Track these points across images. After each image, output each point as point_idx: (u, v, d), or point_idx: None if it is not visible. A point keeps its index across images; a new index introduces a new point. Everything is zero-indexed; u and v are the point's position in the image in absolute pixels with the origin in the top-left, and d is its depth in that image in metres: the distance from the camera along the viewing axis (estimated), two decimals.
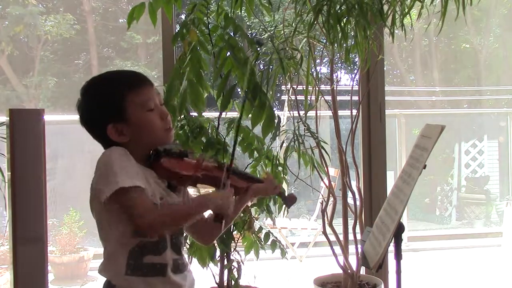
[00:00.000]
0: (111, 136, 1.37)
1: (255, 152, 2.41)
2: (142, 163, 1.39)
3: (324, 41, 2.52)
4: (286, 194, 1.72)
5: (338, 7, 2.30)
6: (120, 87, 1.38)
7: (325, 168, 2.65)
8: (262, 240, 2.49)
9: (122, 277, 1.36)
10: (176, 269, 1.42)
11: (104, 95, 1.39)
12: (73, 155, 5.73)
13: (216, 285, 2.45)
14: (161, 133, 1.42)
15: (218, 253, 2.40)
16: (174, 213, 1.35)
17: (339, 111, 2.75)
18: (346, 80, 3.67)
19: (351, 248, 2.76)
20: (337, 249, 2.73)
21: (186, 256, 1.55)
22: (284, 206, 1.73)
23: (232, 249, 2.42)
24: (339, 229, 2.80)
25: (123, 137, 1.38)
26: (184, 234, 1.54)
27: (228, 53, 2.22)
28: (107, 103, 1.38)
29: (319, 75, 2.66)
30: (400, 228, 1.70)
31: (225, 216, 1.39)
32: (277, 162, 2.45)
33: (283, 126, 3.23)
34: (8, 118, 2.07)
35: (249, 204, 2.25)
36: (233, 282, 2.43)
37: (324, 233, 2.72)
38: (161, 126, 1.41)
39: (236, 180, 1.51)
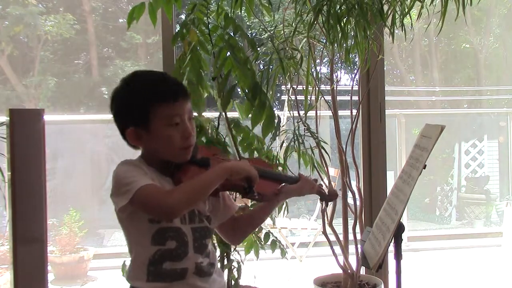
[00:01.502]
0: (128, 138, 1.40)
1: (255, 152, 2.41)
2: (160, 171, 1.41)
3: (324, 41, 2.52)
4: (327, 192, 1.64)
5: (338, 7, 2.30)
6: (150, 95, 1.37)
7: (325, 168, 2.65)
8: (262, 240, 2.49)
9: (144, 283, 1.38)
10: (200, 272, 1.42)
11: (134, 99, 1.38)
12: (73, 155, 5.73)
13: None
14: (176, 151, 1.40)
15: (218, 253, 2.40)
16: (193, 185, 1.32)
17: (339, 111, 2.75)
18: (346, 80, 3.67)
19: (351, 248, 2.76)
20: (337, 249, 2.73)
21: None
22: (320, 200, 1.65)
23: (232, 249, 2.42)
24: (339, 229, 2.80)
25: (139, 142, 1.39)
26: (210, 238, 1.50)
27: (228, 53, 2.22)
28: (134, 109, 1.37)
29: (319, 75, 2.66)
30: (400, 228, 1.70)
31: (253, 180, 1.36)
32: (277, 162, 2.45)
33: (283, 126, 3.23)
34: (8, 118, 2.07)
35: (249, 204, 2.26)
36: (233, 282, 2.43)
37: (324, 233, 2.72)
38: (179, 144, 1.39)
39: (264, 184, 1.45)
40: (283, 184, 1.54)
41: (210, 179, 1.33)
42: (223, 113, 2.30)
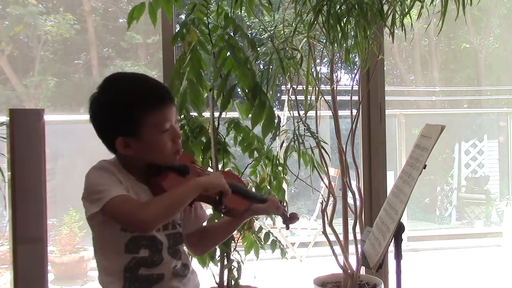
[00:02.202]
0: (117, 147, 1.35)
1: (255, 152, 2.41)
2: (137, 177, 1.39)
3: (324, 41, 2.51)
4: (288, 214, 1.65)
5: (338, 7, 2.30)
6: (139, 104, 1.33)
7: (325, 168, 2.65)
8: (262, 240, 2.49)
9: None
10: (176, 274, 1.42)
11: (121, 108, 1.33)
12: (73, 155, 5.73)
13: (216, 285, 2.45)
14: (168, 156, 1.39)
15: (218, 253, 2.40)
16: (167, 200, 1.30)
17: (339, 111, 2.75)
18: (346, 80, 3.67)
19: (351, 248, 2.76)
20: (337, 249, 2.73)
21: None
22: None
23: (232, 249, 2.42)
24: (339, 229, 2.80)
25: (129, 150, 1.35)
26: (183, 243, 1.49)
27: (228, 53, 2.21)
28: (123, 117, 1.33)
29: (319, 75, 2.66)
30: (400, 228, 1.70)
31: (225, 194, 1.36)
32: (277, 162, 2.45)
33: (283, 126, 3.23)
34: (8, 118, 2.07)
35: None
36: (233, 282, 2.43)
37: (324, 233, 2.72)
38: (171, 149, 1.38)
39: (234, 199, 1.45)
40: (251, 201, 1.54)
41: (185, 194, 1.32)
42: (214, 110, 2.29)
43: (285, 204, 1.68)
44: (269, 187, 2.41)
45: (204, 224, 1.60)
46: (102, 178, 1.31)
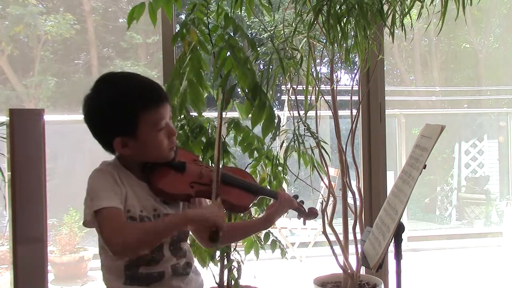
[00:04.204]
0: (115, 147, 1.36)
1: (255, 152, 2.41)
2: (137, 175, 1.40)
3: (324, 41, 2.51)
4: (306, 210, 1.66)
5: (338, 7, 2.29)
6: (136, 104, 1.34)
7: (325, 168, 2.65)
8: (262, 240, 2.49)
9: (121, 286, 1.38)
10: (176, 273, 1.42)
11: (118, 108, 1.34)
12: (73, 155, 5.73)
13: (216, 285, 2.45)
14: (165, 153, 1.40)
15: (218, 253, 2.40)
16: (149, 230, 1.30)
17: (339, 111, 2.75)
18: (346, 80, 3.66)
19: (351, 248, 2.76)
20: (337, 249, 2.73)
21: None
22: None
23: (232, 249, 2.42)
24: (339, 229, 2.80)
25: (126, 149, 1.36)
26: (186, 240, 1.50)
27: (228, 53, 2.21)
28: (121, 118, 1.34)
29: (319, 75, 2.66)
30: (400, 228, 1.70)
31: (220, 229, 1.32)
32: (277, 162, 2.45)
33: (283, 126, 3.23)
34: (8, 118, 2.07)
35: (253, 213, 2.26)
36: (233, 282, 2.43)
37: (324, 233, 2.72)
38: (167, 146, 1.40)
39: (238, 194, 1.46)
40: (256, 195, 1.54)
41: (170, 227, 1.31)
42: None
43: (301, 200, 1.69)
44: (269, 187, 2.41)
45: None
46: (99, 183, 1.33)
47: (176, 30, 2.62)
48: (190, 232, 1.54)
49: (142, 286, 1.37)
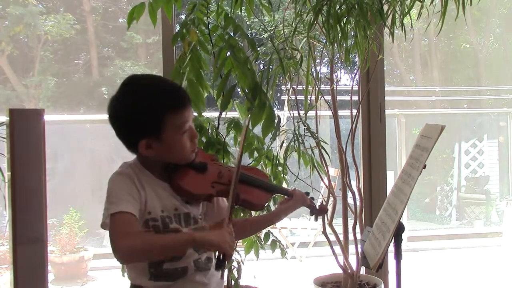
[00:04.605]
0: (140, 149, 1.39)
1: (255, 152, 2.41)
2: (158, 176, 1.43)
3: (324, 41, 2.51)
4: (317, 206, 1.73)
5: (338, 7, 2.29)
6: (162, 107, 1.37)
7: (325, 168, 2.65)
8: (262, 240, 2.49)
9: (147, 282, 1.41)
10: (199, 268, 1.45)
11: (144, 112, 1.37)
12: (73, 155, 5.73)
13: None
14: (187, 155, 1.44)
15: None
16: (155, 243, 1.31)
17: (339, 111, 2.75)
18: (346, 80, 3.67)
19: (351, 248, 2.76)
20: (337, 249, 2.73)
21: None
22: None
23: None
24: (339, 229, 2.80)
25: (151, 151, 1.39)
26: None
27: (228, 53, 2.21)
28: (146, 120, 1.37)
29: (319, 75, 2.66)
30: (400, 228, 1.69)
31: (227, 256, 1.35)
32: (277, 162, 2.45)
33: (283, 126, 3.23)
34: (8, 118, 2.07)
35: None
36: (233, 282, 2.43)
37: (324, 233, 2.72)
38: (190, 148, 1.43)
39: (253, 192, 1.51)
40: (271, 193, 1.59)
41: (175, 246, 1.32)
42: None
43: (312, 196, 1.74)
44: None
45: None
46: (118, 187, 1.36)
47: (176, 30, 2.62)
48: None
49: (167, 281, 1.41)
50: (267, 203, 1.60)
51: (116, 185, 1.36)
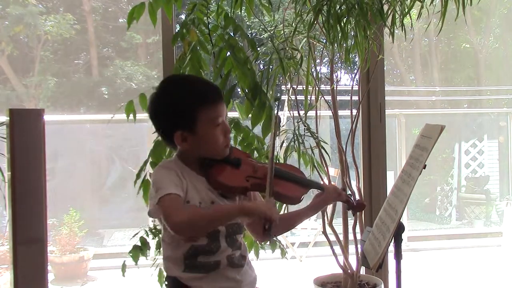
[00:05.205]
0: (176, 141, 1.49)
1: (255, 152, 2.41)
2: (196, 170, 1.52)
3: (324, 41, 2.51)
4: (354, 202, 1.78)
5: (338, 7, 2.29)
6: (196, 101, 1.48)
7: (325, 168, 2.65)
8: None
9: (181, 273, 1.50)
10: (232, 264, 1.52)
11: (180, 105, 1.48)
12: (73, 155, 5.73)
13: None
14: (220, 149, 1.53)
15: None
16: (204, 215, 1.41)
17: (339, 111, 2.75)
18: (346, 80, 3.66)
19: (351, 248, 2.76)
20: (337, 249, 2.73)
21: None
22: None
23: None
24: (339, 229, 2.80)
25: (185, 144, 1.49)
26: (241, 233, 1.60)
27: (228, 53, 2.22)
28: (181, 113, 1.47)
29: (319, 75, 2.66)
30: (400, 228, 1.69)
31: (273, 222, 1.42)
32: (277, 162, 2.45)
33: (283, 126, 3.23)
34: (8, 118, 2.07)
35: None
36: None
37: (324, 233, 2.72)
38: (222, 143, 1.52)
39: (290, 187, 1.58)
40: (307, 188, 1.66)
41: (226, 214, 1.44)
42: None
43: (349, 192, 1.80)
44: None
45: None
46: (162, 176, 1.45)
47: (176, 30, 2.62)
48: (245, 227, 1.64)
49: (200, 273, 1.48)
50: (302, 197, 1.65)
51: (161, 175, 1.46)
